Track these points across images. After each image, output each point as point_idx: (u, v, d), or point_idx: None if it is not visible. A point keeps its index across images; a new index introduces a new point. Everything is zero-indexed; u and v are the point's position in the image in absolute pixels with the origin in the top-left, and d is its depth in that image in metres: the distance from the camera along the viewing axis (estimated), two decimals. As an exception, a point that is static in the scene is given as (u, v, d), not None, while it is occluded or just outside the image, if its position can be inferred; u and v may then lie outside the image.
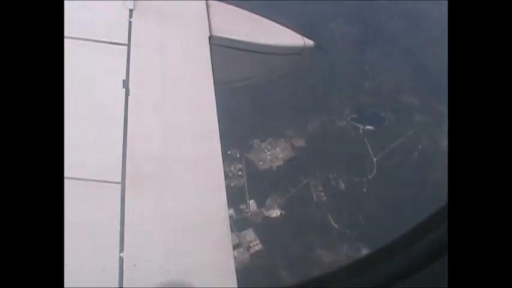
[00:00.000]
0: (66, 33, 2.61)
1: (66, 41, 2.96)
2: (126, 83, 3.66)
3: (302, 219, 26.62)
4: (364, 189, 28.13)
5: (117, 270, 2.62)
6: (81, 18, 4.09)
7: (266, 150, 30.45)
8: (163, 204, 3.05)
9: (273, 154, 30.25)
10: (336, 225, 26.49)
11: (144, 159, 3.24)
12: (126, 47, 3.97)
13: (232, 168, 29.23)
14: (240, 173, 29.05)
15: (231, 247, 2.96)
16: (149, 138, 3.41)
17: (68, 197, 1.94)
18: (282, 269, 24.43)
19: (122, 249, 2.71)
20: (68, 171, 2.07)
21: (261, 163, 29.72)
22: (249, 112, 31.68)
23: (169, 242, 2.86)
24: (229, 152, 30.49)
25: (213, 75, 3.95)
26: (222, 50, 4.40)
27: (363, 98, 33.74)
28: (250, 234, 26.07)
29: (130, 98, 3.57)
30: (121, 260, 2.67)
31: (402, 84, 34.59)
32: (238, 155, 30.00)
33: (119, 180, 3.05)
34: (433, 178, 26.29)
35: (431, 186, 25.23)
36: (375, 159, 29.72)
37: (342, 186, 28.35)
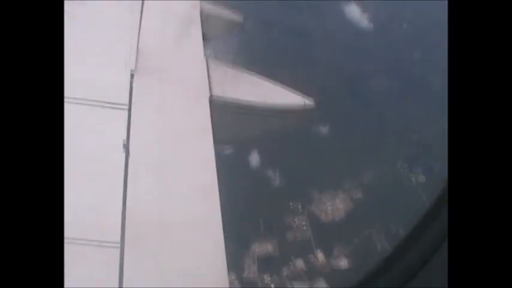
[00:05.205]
0: (66, 93, 2.58)
1: (66, 101, 2.84)
2: (126, 145, 3.66)
3: (370, 268, 27.83)
4: (426, 239, 29.44)
5: None
6: (82, 78, 3.87)
7: (326, 202, 31.96)
8: (162, 265, 3.00)
9: (333, 205, 31.72)
10: (403, 275, 27.69)
11: (143, 220, 3.20)
12: (127, 108, 3.92)
13: (296, 220, 30.72)
14: (304, 224, 30.45)
15: None
16: (149, 199, 3.38)
17: (68, 257, 1.93)
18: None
19: None
20: (67, 232, 2.06)
21: (323, 215, 31.21)
22: (300, 165, 33.36)
23: None
24: (290, 205, 32.13)
25: (214, 135, 3.98)
26: (223, 109, 4.42)
27: (411, 150, 35.48)
28: (322, 284, 27.34)
29: (130, 159, 3.58)
30: None
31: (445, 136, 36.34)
32: (299, 207, 31.53)
33: (118, 240, 3.04)
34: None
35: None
36: (431, 210, 31.16)
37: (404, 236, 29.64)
